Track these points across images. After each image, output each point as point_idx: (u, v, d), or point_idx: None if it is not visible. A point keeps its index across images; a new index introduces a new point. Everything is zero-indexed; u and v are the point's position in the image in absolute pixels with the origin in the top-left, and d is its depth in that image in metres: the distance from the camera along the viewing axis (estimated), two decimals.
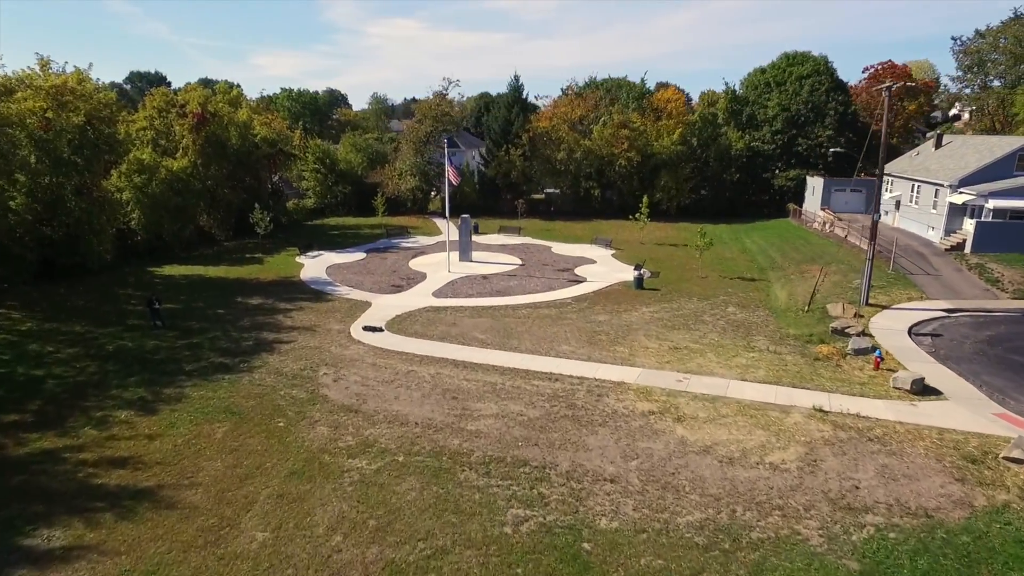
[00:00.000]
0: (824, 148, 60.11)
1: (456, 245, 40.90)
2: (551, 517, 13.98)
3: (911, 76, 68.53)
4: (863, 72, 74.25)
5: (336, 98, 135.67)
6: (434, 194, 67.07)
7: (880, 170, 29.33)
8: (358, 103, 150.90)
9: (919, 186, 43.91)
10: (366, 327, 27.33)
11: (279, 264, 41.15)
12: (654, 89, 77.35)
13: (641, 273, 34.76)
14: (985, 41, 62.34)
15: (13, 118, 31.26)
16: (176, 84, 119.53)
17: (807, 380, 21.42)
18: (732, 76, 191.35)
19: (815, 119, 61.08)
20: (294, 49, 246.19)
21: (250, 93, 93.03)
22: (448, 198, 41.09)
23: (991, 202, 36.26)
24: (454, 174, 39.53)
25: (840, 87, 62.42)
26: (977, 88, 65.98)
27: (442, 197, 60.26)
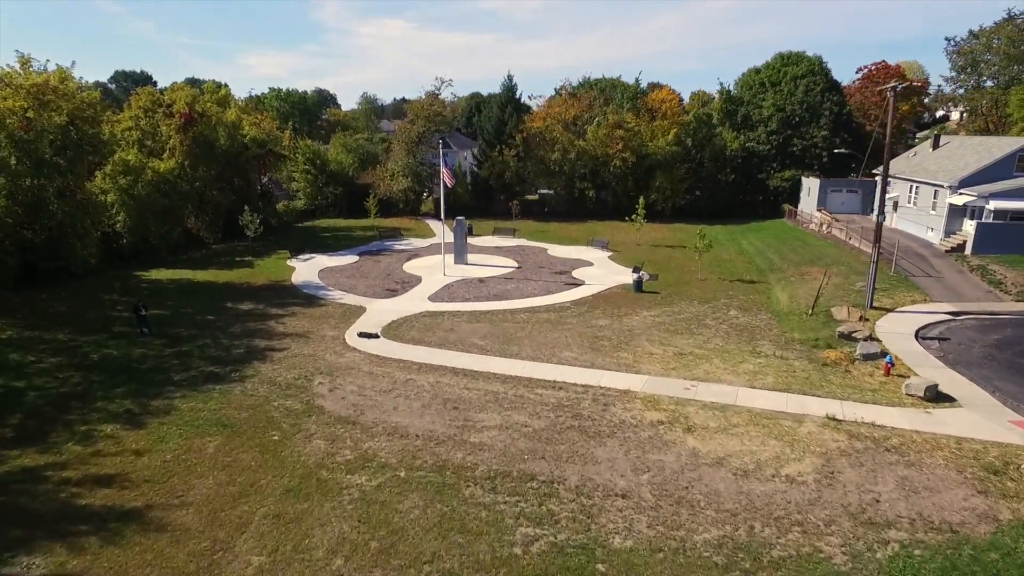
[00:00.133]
0: (819, 148, 59.96)
1: (451, 247, 40.16)
2: (562, 536, 13.32)
3: (905, 76, 68.56)
4: (856, 72, 74.42)
5: (325, 98, 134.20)
6: (426, 195, 66.21)
7: (884, 170, 28.95)
8: (347, 103, 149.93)
9: (917, 187, 43.70)
10: (361, 333, 26.52)
11: (270, 267, 40.20)
12: (647, 89, 76.95)
13: (640, 276, 34.18)
14: (979, 42, 62.45)
15: None
16: (162, 84, 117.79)
17: (817, 387, 20.88)
18: (721, 77, 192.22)
19: (810, 119, 60.87)
20: (283, 49, 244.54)
21: (238, 93, 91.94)
22: (443, 199, 40.28)
23: (992, 203, 36.02)
24: (449, 176, 38.79)
25: (835, 87, 62.24)
26: (971, 88, 66.09)
27: (435, 198, 59.50)
